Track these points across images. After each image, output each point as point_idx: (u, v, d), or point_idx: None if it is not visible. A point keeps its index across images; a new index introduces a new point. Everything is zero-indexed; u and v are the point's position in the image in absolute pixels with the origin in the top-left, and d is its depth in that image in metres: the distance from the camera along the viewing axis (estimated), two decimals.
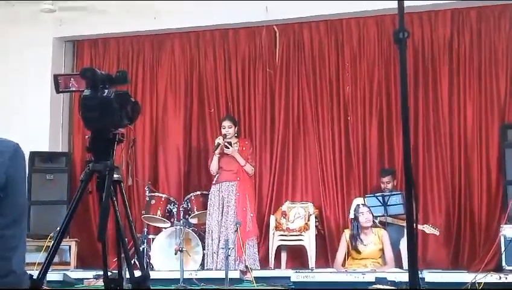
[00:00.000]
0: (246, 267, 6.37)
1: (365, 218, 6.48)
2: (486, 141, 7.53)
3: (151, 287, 2.64)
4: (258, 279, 5.50)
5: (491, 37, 7.63)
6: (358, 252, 6.51)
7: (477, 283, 4.83)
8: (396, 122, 7.72)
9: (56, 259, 4.66)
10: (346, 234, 6.66)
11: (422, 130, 7.69)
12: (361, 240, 6.55)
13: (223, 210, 7.09)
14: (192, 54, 8.56)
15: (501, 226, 6.61)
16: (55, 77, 2.78)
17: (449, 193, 7.57)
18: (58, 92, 2.79)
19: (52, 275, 5.54)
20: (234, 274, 5.90)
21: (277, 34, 8.29)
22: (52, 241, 2.71)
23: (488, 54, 7.63)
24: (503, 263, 6.43)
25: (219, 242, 6.91)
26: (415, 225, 2.32)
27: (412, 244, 2.35)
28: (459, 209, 7.51)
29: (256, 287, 5.27)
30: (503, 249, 6.43)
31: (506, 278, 5.14)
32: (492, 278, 5.11)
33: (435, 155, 7.67)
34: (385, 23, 7.95)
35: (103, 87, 2.59)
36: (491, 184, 7.42)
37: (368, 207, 6.64)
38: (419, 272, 2.79)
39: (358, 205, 6.80)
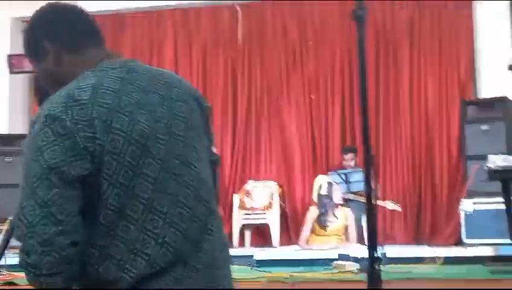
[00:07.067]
0: None
1: (339, 196, 6.48)
2: (446, 117, 7.62)
3: None
4: None
5: (452, 15, 7.70)
6: (324, 229, 6.46)
7: (437, 257, 4.91)
8: (358, 100, 7.77)
9: (18, 243, 4.54)
10: (312, 211, 6.60)
11: (383, 108, 7.75)
12: (330, 217, 6.47)
13: None
14: (153, 34, 8.47)
15: (461, 200, 6.71)
16: (9, 57, 2.71)
17: (410, 168, 7.66)
18: (11, 72, 2.72)
19: (13, 260, 5.45)
20: None
21: (239, 14, 8.23)
22: (10, 225, 2.65)
23: (447, 31, 7.71)
24: (463, 237, 6.53)
25: None
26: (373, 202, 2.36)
27: (371, 223, 2.37)
28: (419, 184, 7.61)
29: None
30: (463, 223, 6.52)
31: (466, 251, 5.23)
32: (453, 251, 5.20)
33: (394, 132, 7.74)
34: (347, 4, 7.95)
35: None
36: (451, 160, 7.53)
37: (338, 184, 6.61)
38: (380, 247, 2.82)
39: (330, 183, 6.69)
